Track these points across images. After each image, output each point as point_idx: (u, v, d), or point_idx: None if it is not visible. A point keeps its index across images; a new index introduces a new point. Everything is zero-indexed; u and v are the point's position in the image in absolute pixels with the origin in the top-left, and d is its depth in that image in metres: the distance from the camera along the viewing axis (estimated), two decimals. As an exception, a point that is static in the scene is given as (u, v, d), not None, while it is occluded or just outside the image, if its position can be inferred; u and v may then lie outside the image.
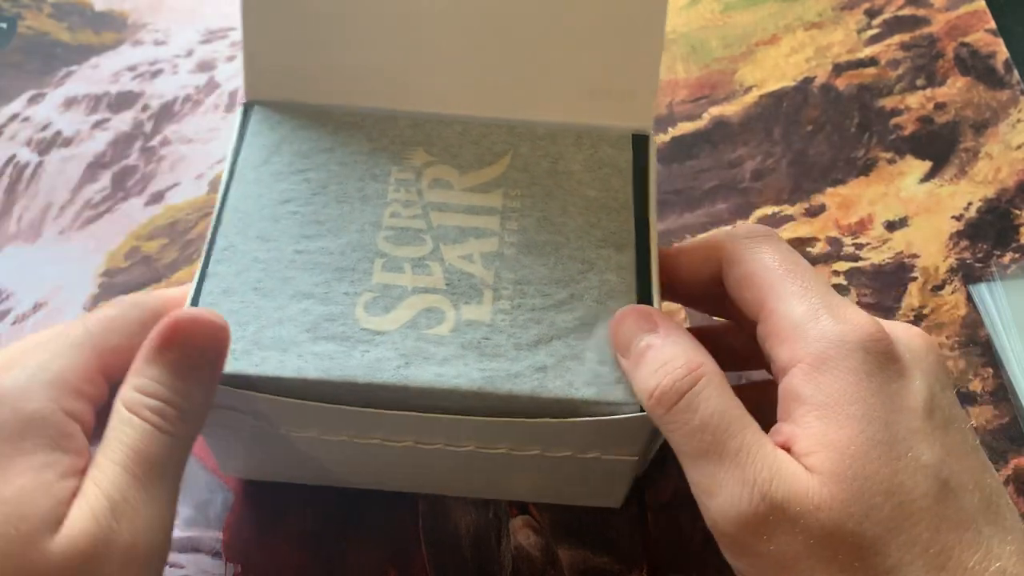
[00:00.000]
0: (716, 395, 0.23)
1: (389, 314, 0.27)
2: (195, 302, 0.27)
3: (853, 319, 0.23)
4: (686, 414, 0.23)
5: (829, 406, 0.22)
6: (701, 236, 0.28)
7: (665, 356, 0.24)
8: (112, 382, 0.26)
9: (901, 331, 0.24)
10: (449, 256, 0.28)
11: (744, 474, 0.21)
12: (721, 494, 0.22)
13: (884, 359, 0.22)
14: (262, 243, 0.28)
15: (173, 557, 0.33)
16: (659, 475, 0.35)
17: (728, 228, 0.27)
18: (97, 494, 0.22)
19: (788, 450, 0.22)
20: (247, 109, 0.32)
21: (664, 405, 0.23)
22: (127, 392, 0.23)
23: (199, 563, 0.33)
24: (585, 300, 0.28)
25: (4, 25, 0.49)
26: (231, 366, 0.26)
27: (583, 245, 0.29)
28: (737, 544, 0.22)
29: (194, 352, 0.24)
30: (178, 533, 0.33)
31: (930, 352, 0.24)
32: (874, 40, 0.49)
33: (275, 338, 0.26)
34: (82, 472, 0.23)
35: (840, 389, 0.22)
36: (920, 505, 0.21)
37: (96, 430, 0.25)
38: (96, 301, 0.39)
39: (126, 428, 0.23)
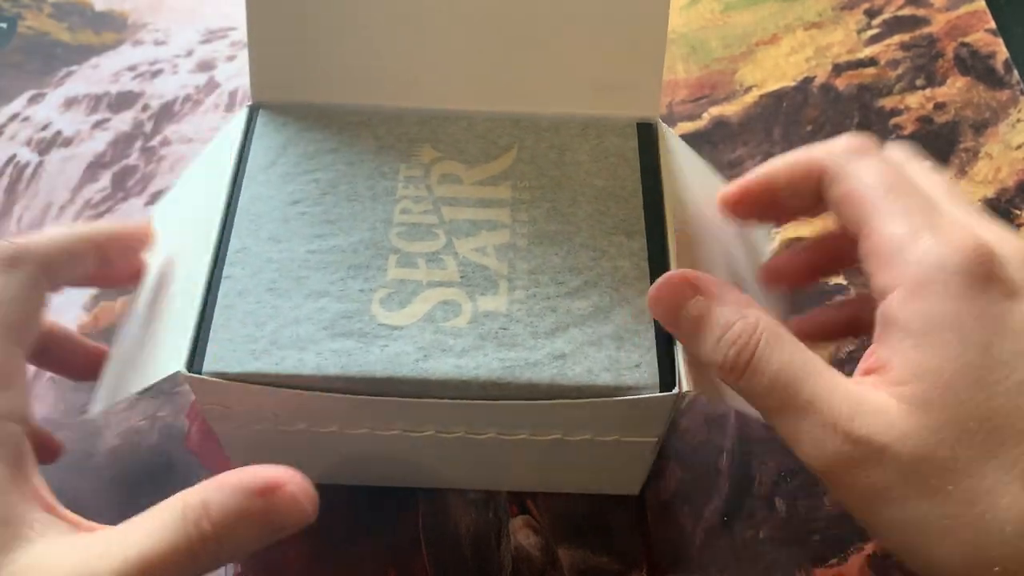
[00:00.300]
0: (776, 352, 0.23)
1: (405, 308, 0.27)
2: (210, 305, 0.27)
3: (957, 239, 0.22)
4: (755, 378, 0.23)
5: (926, 334, 0.21)
6: (797, 152, 0.27)
7: (720, 322, 0.24)
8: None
9: (1010, 248, 0.22)
10: (462, 249, 0.29)
11: (823, 418, 0.21)
12: (805, 442, 0.22)
13: (988, 281, 0.21)
14: (274, 244, 0.28)
15: (173, 557, 0.33)
16: (659, 475, 0.35)
17: (827, 143, 0.26)
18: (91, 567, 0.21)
19: (879, 374, 0.22)
20: (252, 111, 0.32)
21: (735, 376, 0.23)
22: (198, 495, 0.22)
23: (199, 563, 0.33)
24: (599, 287, 0.28)
25: (4, 25, 0.49)
26: (250, 365, 0.26)
27: (594, 233, 0.29)
28: (831, 480, 0.22)
29: (276, 521, 0.22)
30: (178, 533, 0.33)
31: None
32: (874, 40, 0.49)
33: (293, 337, 0.27)
34: (33, 484, 0.22)
35: (939, 316, 0.21)
36: (1019, 428, 0.20)
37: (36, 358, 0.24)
38: (96, 301, 0.39)
39: (168, 526, 0.21)
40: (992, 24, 0.49)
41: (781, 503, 0.35)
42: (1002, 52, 0.48)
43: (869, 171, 0.24)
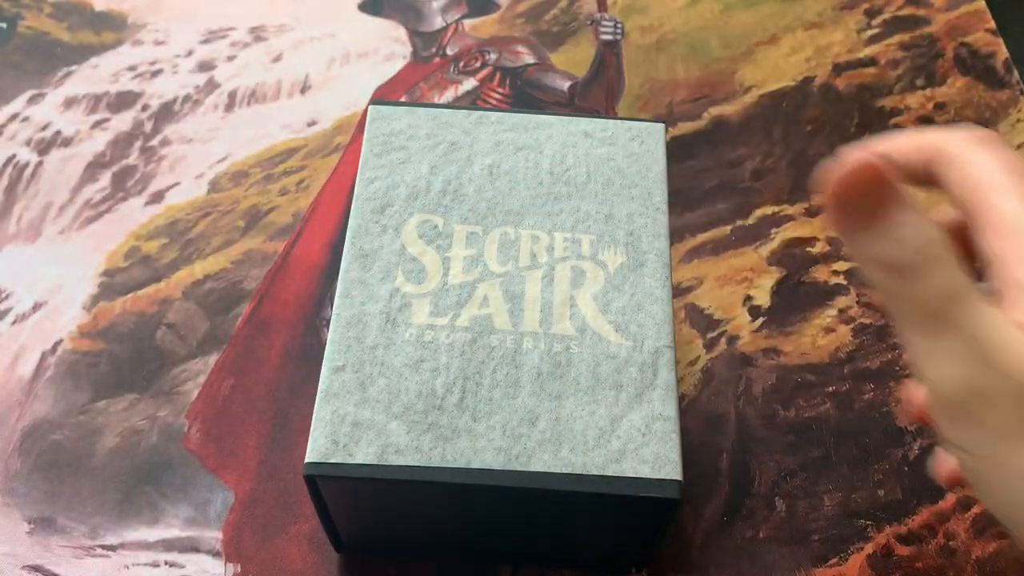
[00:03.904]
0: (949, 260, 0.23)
1: None
2: None
3: None
4: (930, 277, 0.23)
5: None
6: (914, 132, 0.29)
7: (904, 218, 0.23)
8: None
9: None
10: None
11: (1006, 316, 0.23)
12: (995, 345, 0.23)
13: None
14: None
15: (173, 557, 0.33)
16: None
17: (946, 129, 0.28)
18: None
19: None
20: None
21: (905, 273, 0.23)
22: None
23: (199, 563, 0.33)
24: None
25: (4, 25, 0.49)
26: None
27: None
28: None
29: None
30: (178, 533, 0.33)
31: None
32: (874, 40, 0.49)
33: None
34: None
35: None
36: None
37: None
38: (95, 301, 0.39)
39: None
40: (992, 24, 0.49)
41: (781, 503, 0.35)
42: (1002, 52, 0.48)
43: (987, 155, 0.27)
